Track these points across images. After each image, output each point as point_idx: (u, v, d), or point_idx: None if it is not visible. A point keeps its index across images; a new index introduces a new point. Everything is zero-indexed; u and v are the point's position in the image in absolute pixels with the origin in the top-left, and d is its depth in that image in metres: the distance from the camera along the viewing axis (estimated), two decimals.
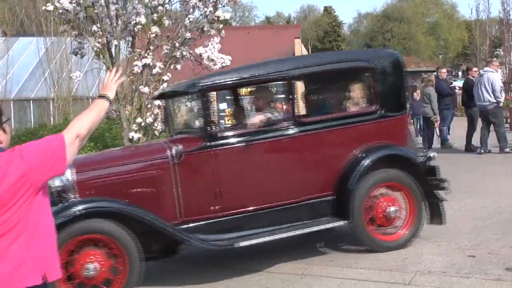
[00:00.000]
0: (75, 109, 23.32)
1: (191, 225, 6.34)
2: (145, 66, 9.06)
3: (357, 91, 7.75)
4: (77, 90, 24.35)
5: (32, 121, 26.28)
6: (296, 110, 6.88)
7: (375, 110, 7.20)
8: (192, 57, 9.41)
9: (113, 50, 9.18)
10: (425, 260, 6.73)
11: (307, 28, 70.35)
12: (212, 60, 9.27)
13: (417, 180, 7.08)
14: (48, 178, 3.05)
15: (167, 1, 9.32)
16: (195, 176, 6.35)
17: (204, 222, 6.38)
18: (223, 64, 9.39)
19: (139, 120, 9.14)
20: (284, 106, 7.49)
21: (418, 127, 20.00)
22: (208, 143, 6.35)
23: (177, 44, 9.25)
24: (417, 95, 22.52)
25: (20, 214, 2.91)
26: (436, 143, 16.59)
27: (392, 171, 7.06)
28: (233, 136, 6.62)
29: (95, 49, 8.99)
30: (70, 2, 8.75)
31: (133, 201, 6.08)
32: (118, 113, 9.27)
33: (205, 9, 9.21)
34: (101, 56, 9.09)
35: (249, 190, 6.58)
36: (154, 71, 9.16)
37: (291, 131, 6.76)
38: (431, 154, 7.39)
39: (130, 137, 9.10)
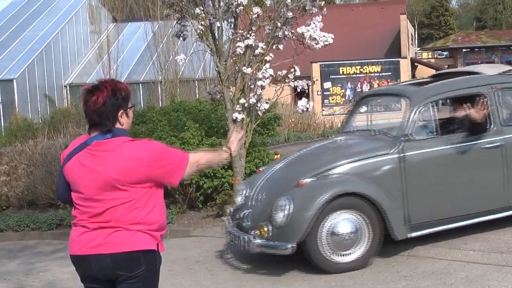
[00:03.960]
0: (182, 91, 23.86)
1: None
2: (247, 47, 9.07)
3: None
4: (184, 73, 24.89)
5: (141, 103, 27.16)
6: None
7: None
8: (294, 37, 9.34)
9: (215, 32, 9.27)
10: None
11: (413, 3, 68.36)
12: (314, 39, 9.16)
13: None
14: (163, 182, 3.50)
15: None
16: None
17: None
18: (326, 43, 9.26)
19: (242, 101, 9.19)
20: None
21: None
22: None
23: (279, 24, 9.20)
24: None
25: (141, 195, 3.41)
26: None
27: None
28: None
29: (198, 31, 9.10)
30: None
31: None
32: (222, 94, 9.37)
33: None
34: (204, 38, 9.19)
35: None
36: (257, 51, 9.15)
37: None
38: None
39: (234, 118, 9.19)
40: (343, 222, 6.44)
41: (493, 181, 7.07)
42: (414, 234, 6.68)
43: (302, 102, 9.50)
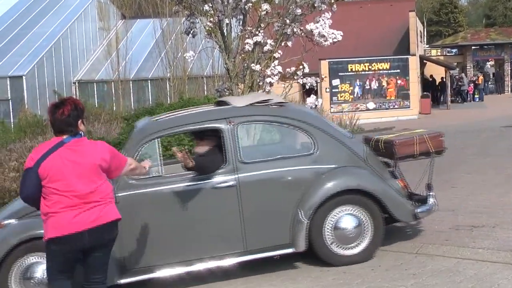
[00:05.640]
0: (190, 88, 23.88)
1: None
2: (256, 43, 9.05)
3: None
4: (192, 70, 24.92)
5: (150, 100, 27.21)
6: None
7: None
8: (303, 34, 9.32)
9: (224, 29, 9.26)
10: None
11: (422, 0, 68.16)
12: (323, 36, 9.14)
13: None
14: (110, 172, 4.78)
15: None
16: None
17: None
18: (335, 40, 9.23)
19: None
20: None
21: None
22: None
23: (287, 21, 9.18)
24: None
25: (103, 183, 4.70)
26: None
27: None
28: None
29: (207, 28, 9.10)
30: None
31: None
32: (231, 91, 9.36)
33: None
34: (213, 35, 9.19)
35: None
36: (265, 48, 9.13)
37: None
38: None
39: None
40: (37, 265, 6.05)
41: (227, 223, 6.40)
42: (123, 281, 6.15)
43: (311, 99, 9.48)
